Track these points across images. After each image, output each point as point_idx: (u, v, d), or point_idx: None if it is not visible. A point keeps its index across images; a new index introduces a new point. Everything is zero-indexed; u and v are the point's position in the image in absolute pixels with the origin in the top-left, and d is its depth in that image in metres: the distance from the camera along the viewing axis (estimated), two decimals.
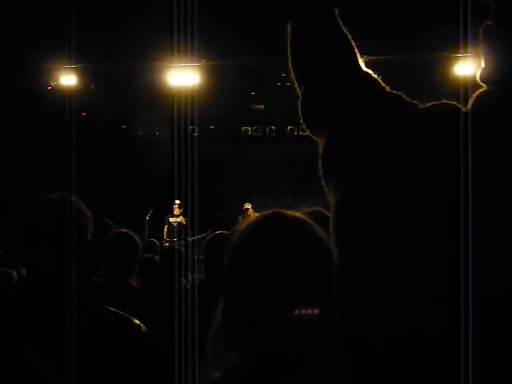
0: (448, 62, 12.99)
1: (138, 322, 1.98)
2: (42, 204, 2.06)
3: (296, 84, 1.65)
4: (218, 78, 14.56)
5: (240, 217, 14.34)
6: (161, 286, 4.33)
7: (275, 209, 1.47)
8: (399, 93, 1.51)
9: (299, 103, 1.65)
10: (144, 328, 1.98)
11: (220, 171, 17.33)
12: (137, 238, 4.04)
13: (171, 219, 14.61)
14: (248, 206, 14.58)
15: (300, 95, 1.64)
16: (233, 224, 14.70)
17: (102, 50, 12.71)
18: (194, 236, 14.24)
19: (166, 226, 14.59)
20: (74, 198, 2.08)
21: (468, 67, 12.78)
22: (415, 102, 1.48)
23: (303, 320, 1.28)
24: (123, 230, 4.07)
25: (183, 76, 14.00)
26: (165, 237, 14.40)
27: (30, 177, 12.23)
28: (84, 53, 12.84)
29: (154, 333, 2.09)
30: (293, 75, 1.65)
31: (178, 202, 14.60)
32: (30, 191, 2.52)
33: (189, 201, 15.59)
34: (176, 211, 14.59)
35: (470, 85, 1.38)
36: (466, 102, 1.36)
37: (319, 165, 1.67)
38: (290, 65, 1.66)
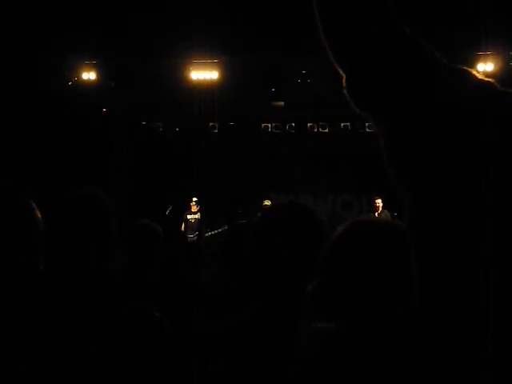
0: (470, 60, 12.92)
1: (158, 314, 2.01)
2: (72, 199, 2.09)
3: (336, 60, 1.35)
4: (238, 74, 14.57)
5: (259, 214, 14.34)
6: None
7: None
8: (492, 80, 1.23)
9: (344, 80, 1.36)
10: (165, 321, 2.00)
11: (239, 168, 17.33)
12: (159, 229, 4.03)
13: (189, 216, 14.73)
14: (267, 202, 14.59)
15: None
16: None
17: (123, 46, 12.76)
18: (210, 231, 14.31)
19: (184, 224, 14.69)
20: (98, 192, 2.10)
21: (488, 65, 12.73)
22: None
23: None
24: (145, 222, 4.07)
25: (203, 72, 14.04)
26: (183, 230, 14.51)
27: (50, 172, 12.31)
28: (105, 49, 12.92)
29: (175, 326, 2.11)
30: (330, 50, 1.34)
31: (195, 199, 14.67)
32: (50, 186, 2.55)
33: (206, 197, 15.68)
34: (193, 208, 14.69)
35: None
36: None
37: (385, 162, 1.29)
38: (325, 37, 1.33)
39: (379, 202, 14.11)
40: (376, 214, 14.06)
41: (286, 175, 17.61)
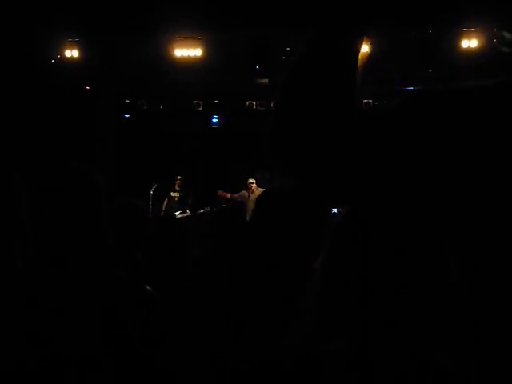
0: (455, 36, 12.94)
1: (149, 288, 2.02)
2: (64, 173, 2.09)
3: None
4: (222, 51, 14.50)
5: (244, 191, 14.37)
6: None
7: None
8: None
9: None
10: (156, 294, 2.02)
11: (224, 145, 17.33)
12: (144, 206, 4.03)
13: (172, 193, 14.77)
14: (252, 180, 14.61)
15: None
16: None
17: (106, 24, 12.65)
18: (196, 210, 14.32)
19: (166, 200, 14.75)
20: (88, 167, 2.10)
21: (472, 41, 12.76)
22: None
23: None
24: (130, 200, 4.07)
25: (187, 49, 13.95)
26: (163, 209, 14.55)
27: (35, 149, 12.25)
28: (87, 26, 12.81)
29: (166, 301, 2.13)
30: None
31: (179, 177, 14.72)
32: (36, 163, 2.55)
33: (191, 175, 15.67)
34: (177, 186, 14.76)
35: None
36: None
37: None
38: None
39: None
40: None
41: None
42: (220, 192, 14.62)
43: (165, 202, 14.78)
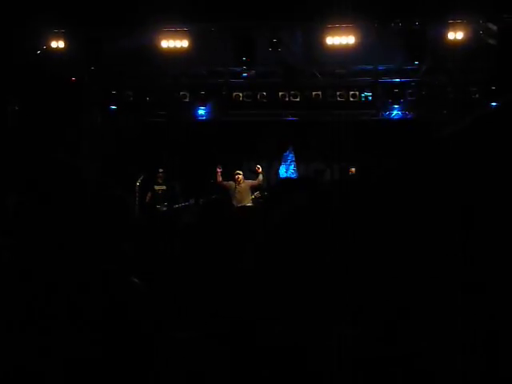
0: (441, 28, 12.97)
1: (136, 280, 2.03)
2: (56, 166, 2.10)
3: None
4: (208, 42, 14.47)
5: (232, 182, 14.38)
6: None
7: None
8: None
9: None
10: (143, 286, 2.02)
11: (211, 137, 17.31)
12: (129, 199, 4.01)
13: (156, 187, 14.78)
14: (239, 172, 14.63)
15: None
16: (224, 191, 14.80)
17: (92, 14, 12.59)
18: (179, 203, 14.32)
19: (150, 193, 14.74)
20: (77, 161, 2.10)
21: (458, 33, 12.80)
22: None
23: None
24: (114, 191, 4.05)
25: (174, 40, 13.91)
26: (147, 202, 14.55)
27: (21, 141, 12.19)
28: (73, 16, 12.73)
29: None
30: None
31: (161, 170, 14.72)
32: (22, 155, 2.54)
33: (176, 167, 15.65)
34: (159, 179, 14.77)
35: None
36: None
37: None
38: None
39: (353, 171, 14.62)
40: None
41: (257, 144, 17.63)
42: (218, 167, 14.68)
43: (148, 195, 14.77)
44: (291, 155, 17.67)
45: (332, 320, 1.31)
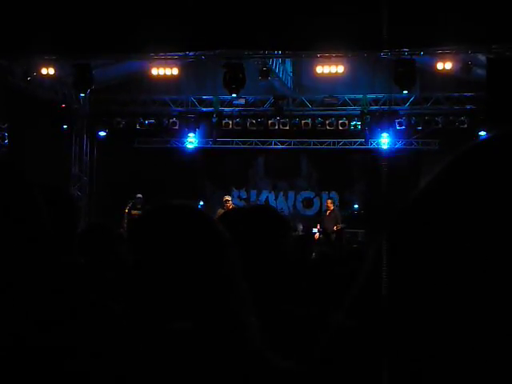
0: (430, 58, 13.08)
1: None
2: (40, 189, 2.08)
3: None
4: (198, 70, 14.54)
5: (220, 209, 14.33)
6: None
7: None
8: None
9: None
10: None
11: (200, 163, 17.32)
12: (113, 229, 3.99)
13: (133, 211, 14.60)
14: (228, 198, 14.62)
15: None
16: (214, 215, 14.74)
17: (82, 42, 12.60)
18: None
19: (126, 218, 14.53)
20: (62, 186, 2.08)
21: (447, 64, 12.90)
22: None
23: None
24: (99, 222, 4.03)
25: (164, 68, 13.96)
26: (124, 228, 14.34)
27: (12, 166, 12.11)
28: (63, 44, 12.74)
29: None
30: None
31: (139, 195, 14.52)
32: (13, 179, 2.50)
33: (162, 193, 15.57)
34: (138, 204, 14.64)
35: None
36: None
37: None
38: None
39: (330, 203, 15.29)
40: (327, 212, 15.08)
41: (247, 171, 17.67)
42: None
43: (124, 221, 14.54)
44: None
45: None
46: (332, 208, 15.04)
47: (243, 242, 1.92)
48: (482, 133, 13.57)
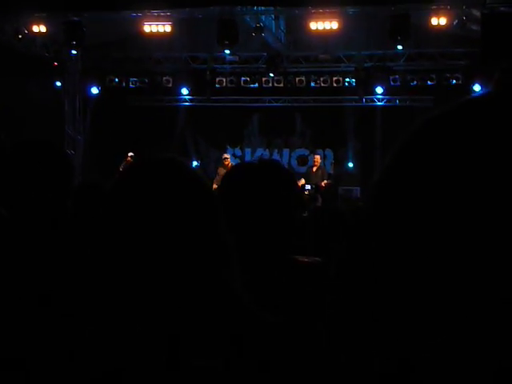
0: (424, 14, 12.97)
1: None
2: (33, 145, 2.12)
3: None
4: (191, 27, 14.38)
5: (220, 167, 14.37)
6: None
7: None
8: None
9: None
10: None
11: (196, 122, 17.28)
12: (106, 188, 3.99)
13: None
14: (227, 155, 14.70)
15: None
16: (210, 173, 14.76)
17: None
18: None
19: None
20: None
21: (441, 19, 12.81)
22: None
23: None
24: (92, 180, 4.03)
25: (156, 25, 13.80)
26: None
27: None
28: (54, 1, 12.60)
29: None
30: None
31: (130, 154, 14.46)
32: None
33: (148, 151, 15.55)
34: (127, 163, 14.59)
35: None
36: None
37: None
38: None
39: (318, 159, 15.12)
40: (314, 168, 14.86)
41: (242, 129, 17.63)
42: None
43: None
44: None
45: None
46: (319, 164, 14.93)
47: (255, 199, 1.92)
48: (477, 88, 13.56)
